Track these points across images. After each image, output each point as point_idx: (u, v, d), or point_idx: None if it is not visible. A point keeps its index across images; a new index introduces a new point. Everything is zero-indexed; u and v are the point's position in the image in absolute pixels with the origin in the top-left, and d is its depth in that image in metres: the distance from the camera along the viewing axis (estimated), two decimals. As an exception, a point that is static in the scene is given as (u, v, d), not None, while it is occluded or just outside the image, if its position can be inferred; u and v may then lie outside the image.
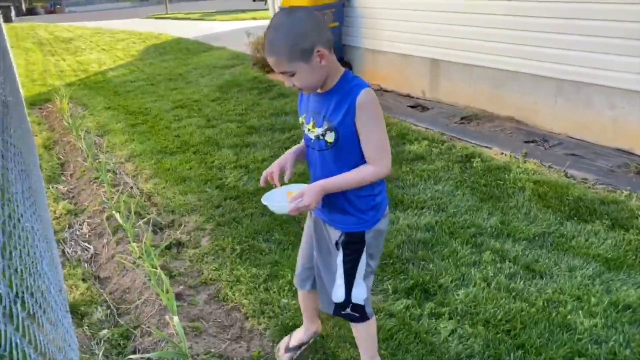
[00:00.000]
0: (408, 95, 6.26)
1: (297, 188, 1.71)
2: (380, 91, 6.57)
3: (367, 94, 1.57)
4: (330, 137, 1.63)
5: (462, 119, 5.19)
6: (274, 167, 1.77)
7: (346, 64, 7.07)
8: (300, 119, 1.78)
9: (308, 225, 1.98)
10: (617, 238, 2.92)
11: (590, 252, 2.82)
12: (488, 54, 5.15)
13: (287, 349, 2.23)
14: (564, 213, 3.25)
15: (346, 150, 1.64)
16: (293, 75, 1.56)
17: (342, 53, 7.03)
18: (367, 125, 1.59)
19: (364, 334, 1.95)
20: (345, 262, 1.77)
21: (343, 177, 1.63)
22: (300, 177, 3.36)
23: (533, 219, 3.21)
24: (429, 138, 4.67)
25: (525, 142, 4.50)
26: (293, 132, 5.05)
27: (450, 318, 2.39)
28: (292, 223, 3.27)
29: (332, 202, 1.71)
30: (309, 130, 1.71)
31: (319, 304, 2.04)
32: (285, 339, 2.29)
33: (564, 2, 4.30)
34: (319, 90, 1.65)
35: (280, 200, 1.69)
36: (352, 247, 1.75)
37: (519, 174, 3.82)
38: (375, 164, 1.62)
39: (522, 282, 2.60)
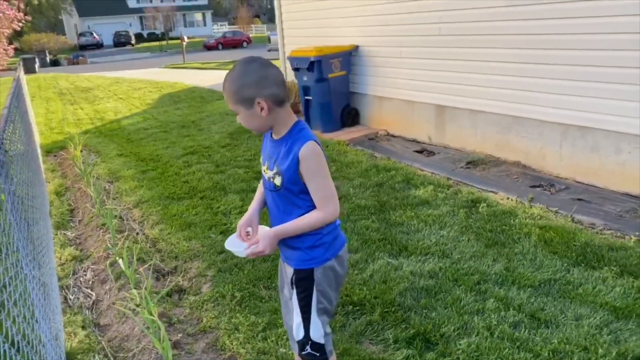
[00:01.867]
0: (414, 140, 6.31)
1: (259, 229, 1.87)
2: (387, 136, 6.63)
3: (309, 146, 1.69)
4: (278, 181, 1.77)
5: (468, 163, 5.19)
6: (240, 228, 1.89)
7: (353, 110, 7.20)
8: (262, 164, 1.90)
9: (280, 265, 2.07)
10: (625, 285, 2.84)
11: (597, 300, 2.74)
12: (493, 100, 5.20)
13: None
14: (571, 259, 3.18)
15: (292, 194, 1.76)
16: (237, 113, 1.74)
17: (349, 100, 7.17)
18: (311, 176, 1.71)
19: None
20: (299, 300, 1.86)
21: (294, 223, 1.76)
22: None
23: (539, 265, 3.14)
24: (434, 183, 4.66)
25: (532, 186, 4.47)
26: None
27: (451, 369, 2.31)
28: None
29: (284, 239, 1.83)
30: (264, 171, 1.86)
31: (291, 346, 2.08)
32: None
33: (568, 49, 4.37)
34: (274, 137, 1.80)
35: (241, 244, 1.83)
36: (303, 284, 1.84)
37: (525, 219, 3.78)
38: (322, 210, 1.73)
39: (526, 331, 2.52)
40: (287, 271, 1.91)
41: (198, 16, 61.56)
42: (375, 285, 3.04)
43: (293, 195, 1.76)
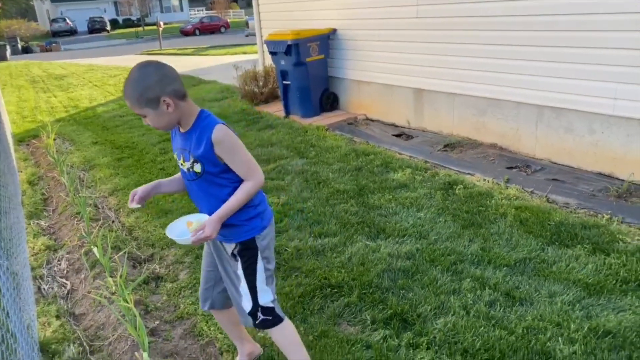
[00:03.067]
0: (393, 124, 6.31)
1: (197, 218, 1.89)
2: (367, 121, 6.62)
3: (219, 129, 1.80)
4: (197, 168, 1.86)
5: (445, 146, 5.22)
6: (139, 192, 1.94)
7: (332, 94, 7.16)
8: (177, 159, 1.96)
9: (207, 246, 2.14)
10: (597, 262, 2.90)
11: (570, 277, 2.79)
12: (470, 83, 5.22)
13: None
14: (546, 238, 3.23)
15: (214, 177, 1.86)
16: (145, 116, 1.79)
17: (328, 84, 7.12)
18: (229, 154, 1.82)
19: (283, 338, 2.06)
20: (244, 270, 1.95)
21: (231, 202, 1.84)
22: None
23: (514, 245, 3.18)
24: (412, 166, 4.68)
25: (508, 168, 4.52)
26: (278, 162, 5.06)
27: (428, 348, 2.34)
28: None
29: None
30: (181, 164, 1.93)
31: (240, 322, 2.13)
32: None
33: (544, 31, 4.39)
34: (181, 130, 1.88)
35: (183, 232, 1.84)
36: (247, 253, 1.94)
37: (501, 200, 3.82)
38: (250, 179, 1.85)
39: (501, 310, 2.56)
40: (227, 248, 1.97)
41: (174, 1, 60.30)
42: (354, 267, 3.04)
43: (215, 177, 1.86)
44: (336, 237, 3.45)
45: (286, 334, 2.06)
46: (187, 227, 1.85)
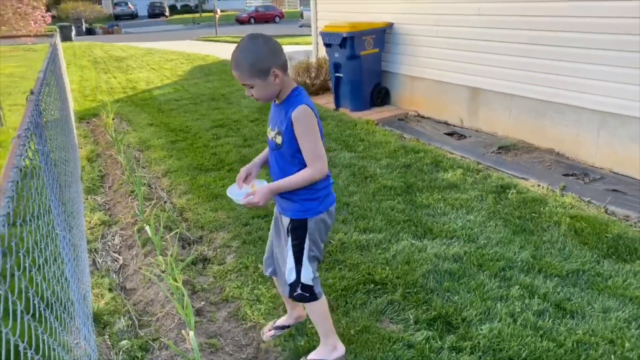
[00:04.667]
0: (445, 123, 6.19)
1: (258, 184, 2.09)
2: (418, 117, 6.53)
3: (300, 110, 1.89)
4: (278, 140, 1.98)
5: (499, 148, 5.08)
6: (241, 173, 2.13)
7: (383, 89, 7.09)
8: (268, 126, 2.12)
9: (273, 218, 2.28)
10: (658, 280, 2.76)
11: (627, 293, 2.66)
12: (529, 84, 5.05)
13: (271, 328, 2.50)
14: (602, 251, 3.09)
15: (289, 153, 1.97)
16: (252, 87, 1.90)
17: (381, 78, 7.05)
18: (302, 136, 1.91)
19: (316, 312, 2.22)
20: (293, 246, 2.08)
21: (286, 180, 1.97)
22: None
23: (567, 255, 3.07)
24: (464, 167, 4.58)
25: (565, 175, 4.35)
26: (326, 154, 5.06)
27: (471, 353, 2.30)
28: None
29: (282, 193, 2.02)
30: (268, 132, 2.08)
31: (280, 290, 2.35)
32: (272, 321, 2.55)
33: (608, 34, 4.19)
34: (276, 101, 2.00)
35: (240, 194, 2.01)
36: (297, 232, 2.07)
37: (556, 207, 3.69)
38: (311, 167, 1.94)
39: (551, 321, 2.48)
40: (283, 221, 2.13)
41: (232, -11, 61.15)
42: (398, 265, 3.02)
43: (290, 153, 1.96)
44: (381, 234, 3.43)
45: (320, 310, 2.21)
46: (245, 190, 2.03)
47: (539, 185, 4.16)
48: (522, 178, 4.34)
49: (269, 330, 2.52)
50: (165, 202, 4.26)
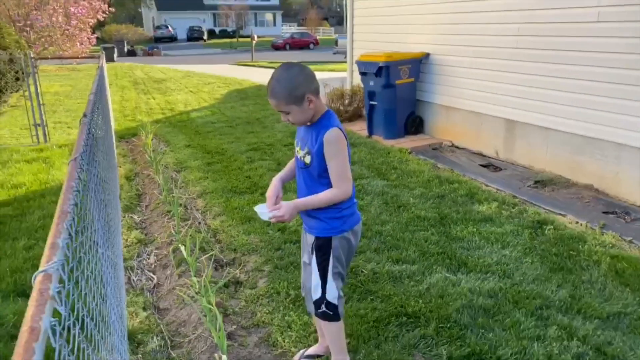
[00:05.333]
0: (480, 154, 6.14)
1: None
2: (452, 147, 6.49)
3: (332, 132, 1.99)
4: (307, 159, 2.07)
5: (536, 182, 4.99)
6: (269, 199, 2.17)
7: (418, 118, 7.10)
8: (296, 145, 2.20)
9: (302, 236, 2.37)
10: None
11: (673, 340, 2.55)
12: (566, 119, 4.98)
13: (302, 357, 2.52)
14: (645, 294, 2.98)
15: (317, 172, 2.06)
16: (288, 113, 2.00)
17: (415, 107, 7.08)
18: (330, 157, 2.01)
19: (334, 333, 2.28)
20: (318, 264, 2.16)
21: (312, 198, 2.07)
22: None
23: (608, 296, 2.97)
24: (499, 200, 4.52)
25: (604, 212, 4.24)
26: (358, 181, 5.08)
27: (507, 395, 2.23)
28: (349, 274, 3.24)
29: (308, 211, 2.13)
30: (297, 152, 2.17)
31: (307, 308, 2.41)
32: (303, 350, 2.56)
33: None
34: (307, 123, 2.09)
35: (267, 209, 2.09)
36: (322, 250, 2.14)
37: (595, 246, 3.59)
38: (337, 188, 2.02)
39: (591, 365, 2.39)
40: (309, 239, 2.21)
41: (269, 16, 62.84)
42: (432, 299, 2.98)
43: (317, 173, 2.06)
44: (414, 265, 3.40)
45: (338, 331, 2.28)
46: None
47: (577, 222, 4.07)
48: (559, 214, 4.25)
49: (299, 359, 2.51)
50: (199, 223, 4.33)
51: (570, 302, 2.91)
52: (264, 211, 2.09)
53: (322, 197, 2.04)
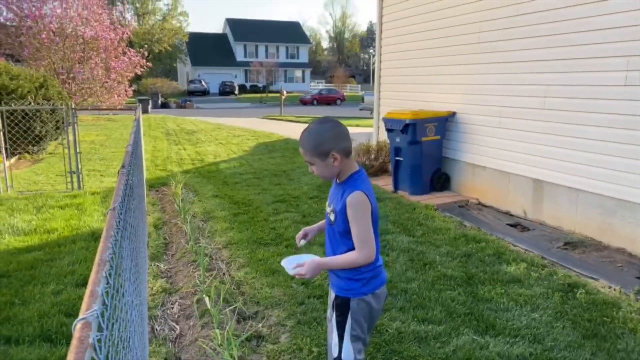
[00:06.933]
0: (508, 213, 6.07)
1: (307, 258, 2.15)
2: (479, 205, 6.44)
3: (355, 196, 1.99)
4: (332, 217, 2.10)
5: (565, 244, 4.88)
6: (301, 232, 2.32)
7: (444, 174, 7.11)
8: (328, 201, 2.24)
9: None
10: None
11: None
12: (597, 180, 4.92)
13: None
14: (686, 366, 2.83)
15: (341, 231, 2.07)
16: (313, 165, 2.06)
17: (441, 164, 7.11)
18: (353, 221, 2.00)
19: None
20: (337, 322, 2.15)
21: (334, 259, 2.08)
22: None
23: (646, 367, 2.83)
24: (527, 260, 4.43)
25: (638, 277, 4.10)
26: (383, 237, 5.06)
27: None
28: (373, 333, 3.18)
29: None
30: (327, 206, 2.21)
31: None
32: None
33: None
34: (337, 180, 2.13)
35: (292, 264, 2.11)
36: (341, 309, 2.14)
37: (630, 313, 3.45)
38: (358, 252, 2.01)
39: None
40: (331, 295, 2.22)
41: (298, 73, 64.92)
42: (458, 362, 2.89)
43: (341, 231, 2.07)
44: (441, 326, 3.31)
45: None
46: (297, 261, 2.14)
47: (610, 287, 3.93)
48: (591, 278, 4.13)
49: None
50: (224, 274, 4.35)
51: (605, 372, 2.78)
52: (289, 266, 2.12)
53: (344, 258, 2.05)
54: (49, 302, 3.74)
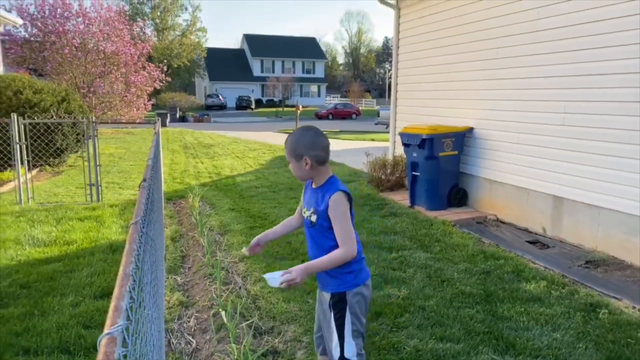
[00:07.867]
0: (527, 230, 5.99)
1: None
2: (497, 222, 6.37)
3: (337, 195, 2.17)
4: (313, 218, 2.26)
5: (587, 262, 4.79)
6: (253, 240, 2.52)
7: (461, 190, 7.05)
8: (303, 207, 2.40)
9: (317, 300, 2.48)
10: None
11: None
12: (619, 197, 4.84)
13: None
14: None
15: (323, 229, 2.23)
16: (290, 163, 2.28)
17: (458, 180, 7.05)
18: (335, 218, 2.17)
19: None
20: (335, 321, 2.25)
21: (321, 260, 2.18)
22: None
23: (673, 392, 2.75)
24: (547, 279, 4.35)
25: (664, 298, 4.00)
26: (400, 252, 5.02)
27: None
28: (390, 350, 3.14)
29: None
30: (304, 212, 2.37)
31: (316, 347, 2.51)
32: None
33: None
34: (314, 186, 2.31)
35: (276, 277, 2.14)
36: (338, 306, 2.25)
37: (656, 334, 3.36)
38: (342, 247, 2.15)
39: None
40: (325, 298, 2.32)
41: (314, 87, 65.37)
42: (478, 382, 2.83)
43: (324, 229, 2.23)
44: (459, 344, 3.26)
45: None
46: (280, 275, 2.17)
47: (634, 307, 3.84)
48: (614, 297, 4.03)
49: None
50: (240, 287, 4.34)
51: (630, 396, 2.70)
52: (274, 277, 2.15)
53: (330, 257, 2.16)
54: (67, 313, 3.77)
